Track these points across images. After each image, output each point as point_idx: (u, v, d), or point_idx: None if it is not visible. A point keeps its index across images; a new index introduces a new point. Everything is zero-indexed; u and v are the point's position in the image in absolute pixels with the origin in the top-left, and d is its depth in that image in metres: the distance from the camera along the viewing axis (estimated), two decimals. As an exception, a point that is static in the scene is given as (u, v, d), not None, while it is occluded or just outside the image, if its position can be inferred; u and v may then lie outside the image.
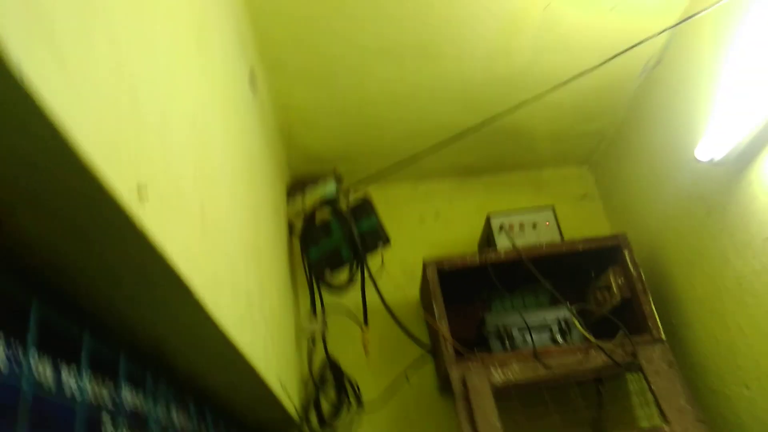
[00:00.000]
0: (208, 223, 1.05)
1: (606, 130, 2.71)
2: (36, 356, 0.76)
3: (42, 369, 0.83)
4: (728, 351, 1.95)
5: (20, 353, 0.75)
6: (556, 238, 2.36)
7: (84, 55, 0.61)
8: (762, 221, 1.72)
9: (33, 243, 0.72)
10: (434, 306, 2.15)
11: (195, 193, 0.99)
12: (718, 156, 1.82)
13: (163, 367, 1.22)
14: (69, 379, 0.88)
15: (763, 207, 1.71)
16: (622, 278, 2.22)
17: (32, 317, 0.77)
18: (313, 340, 2.29)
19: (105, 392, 1.00)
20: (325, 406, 2.30)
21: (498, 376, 2.00)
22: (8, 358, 0.75)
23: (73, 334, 0.88)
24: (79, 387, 0.88)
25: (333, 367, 2.34)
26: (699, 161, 1.91)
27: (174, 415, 1.31)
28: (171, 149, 0.88)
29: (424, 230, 2.89)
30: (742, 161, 1.79)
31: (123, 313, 0.92)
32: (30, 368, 0.75)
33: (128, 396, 1.08)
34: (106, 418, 0.99)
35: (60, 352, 0.87)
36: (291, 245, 2.59)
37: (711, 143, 1.82)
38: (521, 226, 2.41)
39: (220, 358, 1.26)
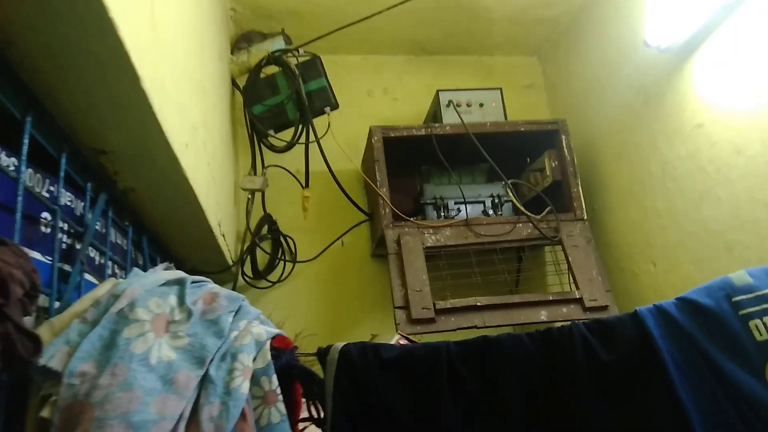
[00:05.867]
0: (158, 25, 1.00)
1: (561, 17, 2.70)
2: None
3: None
4: (641, 231, 2.12)
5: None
6: (501, 119, 2.41)
7: None
8: (695, 109, 1.81)
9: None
10: (377, 172, 2.19)
11: (146, -16, 0.93)
12: (664, 44, 1.87)
13: (105, 183, 1.20)
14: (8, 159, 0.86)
15: (698, 95, 1.80)
16: (557, 162, 2.32)
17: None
18: (251, 198, 2.28)
19: (44, 187, 0.97)
20: (261, 261, 2.35)
21: (430, 239, 2.10)
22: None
23: (15, 115, 0.84)
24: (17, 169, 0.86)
25: (270, 223, 2.37)
26: (646, 49, 1.96)
27: (111, 232, 1.30)
28: None
29: (372, 104, 2.87)
30: (685, 51, 1.84)
31: (69, 98, 0.88)
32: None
33: (67, 198, 1.07)
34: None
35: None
36: (233, 102, 2.51)
37: (660, 30, 1.86)
38: (468, 104, 2.43)
39: (165, 180, 1.25)
